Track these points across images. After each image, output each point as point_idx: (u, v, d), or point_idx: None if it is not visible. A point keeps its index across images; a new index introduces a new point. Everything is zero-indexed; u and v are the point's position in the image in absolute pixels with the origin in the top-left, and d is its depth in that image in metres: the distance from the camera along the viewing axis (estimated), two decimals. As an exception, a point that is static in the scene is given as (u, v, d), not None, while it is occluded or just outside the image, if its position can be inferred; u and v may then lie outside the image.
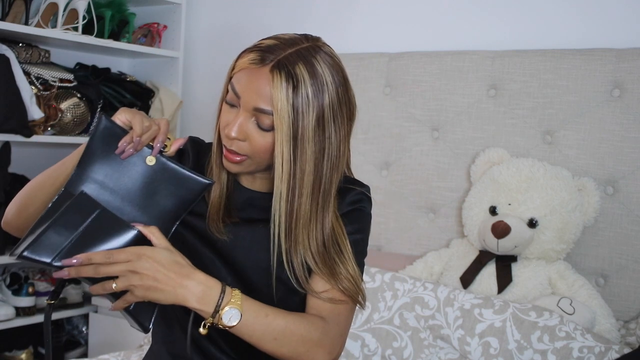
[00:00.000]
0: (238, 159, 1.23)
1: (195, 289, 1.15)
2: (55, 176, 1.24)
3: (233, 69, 1.24)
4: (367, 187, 1.36)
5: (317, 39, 1.25)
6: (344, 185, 1.31)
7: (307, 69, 1.19)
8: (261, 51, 1.20)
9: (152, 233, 1.18)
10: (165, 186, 1.23)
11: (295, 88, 1.17)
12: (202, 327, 1.17)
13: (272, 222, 1.23)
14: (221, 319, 1.16)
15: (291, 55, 1.19)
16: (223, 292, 1.16)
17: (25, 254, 1.11)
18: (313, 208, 1.23)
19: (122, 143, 1.19)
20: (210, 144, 1.35)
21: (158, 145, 1.22)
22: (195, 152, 1.35)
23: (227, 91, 1.24)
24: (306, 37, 1.24)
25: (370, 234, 1.37)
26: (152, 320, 1.18)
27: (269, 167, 1.26)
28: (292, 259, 1.24)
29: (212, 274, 1.24)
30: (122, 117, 1.21)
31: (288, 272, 1.25)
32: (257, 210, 1.31)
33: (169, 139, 1.25)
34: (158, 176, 1.23)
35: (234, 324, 1.16)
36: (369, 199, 1.35)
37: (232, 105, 1.23)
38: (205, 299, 1.15)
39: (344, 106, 1.24)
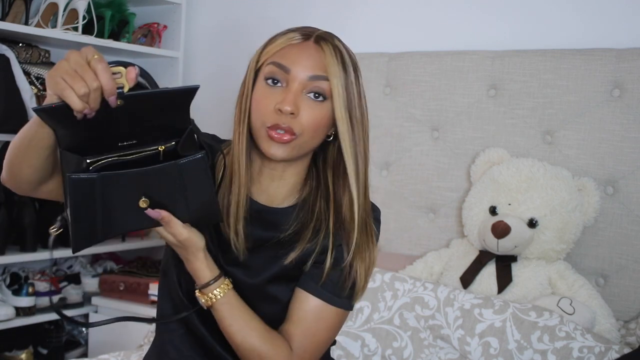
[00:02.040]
0: (287, 138, 1.21)
1: (189, 269, 1.26)
2: (29, 138, 1.11)
3: (258, 59, 1.26)
4: (377, 211, 1.36)
5: None
6: None
7: (342, 45, 1.27)
8: (295, 31, 1.26)
9: (170, 226, 1.18)
10: (149, 112, 1.09)
11: (342, 58, 1.24)
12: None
13: (352, 188, 1.26)
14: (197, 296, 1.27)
15: (325, 32, 1.27)
16: (205, 285, 1.24)
17: (73, 251, 1.12)
18: (365, 177, 1.28)
19: (76, 114, 1.02)
20: (225, 141, 1.34)
21: (112, 98, 1.03)
22: (210, 149, 1.33)
23: (254, 80, 1.25)
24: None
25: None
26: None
27: (303, 156, 1.28)
28: (350, 233, 1.27)
29: None
30: (51, 92, 1.03)
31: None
32: (263, 225, 1.31)
33: (116, 73, 1.05)
34: (135, 107, 1.07)
35: (203, 307, 1.27)
36: (378, 223, 1.35)
37: (274, 84, 1.23)
38: (195, 276, 1.26)
39: (364, 87, 1.31)
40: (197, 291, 1.26)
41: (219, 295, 1.24)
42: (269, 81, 1.23)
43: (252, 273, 1.30)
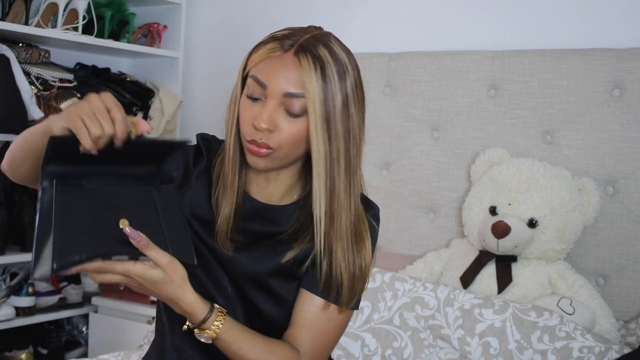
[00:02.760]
0: (264, 151, 1.21)
1: (180, 310, 1.21)
2: (30, 142, 1.19)
3: (245, 66, 1.24)
4: (376, 209, 1.36)
5: (321, 28, 1.28)
6: None
7: (328, 51, 1.21)
8: (278, 40, 1.21)
9: (149, 248, 1.13)
10: (139, 157, 1.17)
11: (323, 70, 1.19)
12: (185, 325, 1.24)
13: (314, 206, 1.24)
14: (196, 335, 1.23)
15: (309, 39, 1.21)
16: (204, 321, 1.20)
17: (55, 268, 1.08)
18: (347, 189, 1.25)
19: (81, 149, 1.09)
20: (222, 141, 1.33)
21: (118, 143, 1.11)
22: (207, 150, 1.33)
23: (243, 88, 1.24)
24: (311, 27, 1.27)
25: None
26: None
27: (290, 164, 1.27)
28: (332, 242, 1.25)
29: (215, 282, 1.29)
30: (64, 124, 1.10)
31: (320, 261, 1.26)
32: (261, 222, 1.31)
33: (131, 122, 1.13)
34: (131, 150, 1.14)
35: (205, 342, 1.23)
36: (377, 221, 1.35)
37: (254, 100, 1.22)
38: (189, 318, 1.22)
39: (359, 88, 1.27)
40: (196, 330, 1.21)
41: (220, 325, 1.21)
42: (249, 98, 1.22)
43: (255, 264, 1.30)
